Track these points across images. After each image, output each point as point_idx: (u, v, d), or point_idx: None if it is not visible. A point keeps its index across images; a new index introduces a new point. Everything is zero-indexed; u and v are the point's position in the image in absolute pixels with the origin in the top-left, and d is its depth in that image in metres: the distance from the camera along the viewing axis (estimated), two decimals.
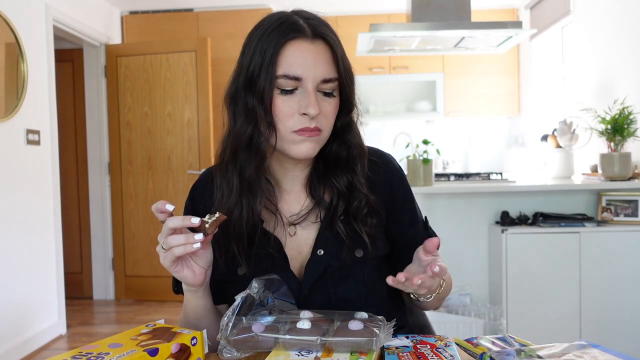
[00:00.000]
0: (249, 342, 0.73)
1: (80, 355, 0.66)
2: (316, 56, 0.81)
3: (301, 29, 0.82)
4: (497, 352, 0.72)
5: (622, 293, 2.43)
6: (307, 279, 0.87)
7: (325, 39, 0.83)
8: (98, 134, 4.17)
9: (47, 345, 3.18)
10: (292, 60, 0.81)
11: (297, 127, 0.82)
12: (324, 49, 0.82)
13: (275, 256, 0.88)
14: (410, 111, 4.66)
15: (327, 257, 0.88)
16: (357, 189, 0.89)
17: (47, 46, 3.33)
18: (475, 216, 2.67)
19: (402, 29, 2.94)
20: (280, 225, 0.90)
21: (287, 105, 0.82)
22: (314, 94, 0.81)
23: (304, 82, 0.81)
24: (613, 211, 2.54)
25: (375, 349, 0.70)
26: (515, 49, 4.52)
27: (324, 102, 0.83)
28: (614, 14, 3.12)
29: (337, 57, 0.83)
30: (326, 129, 0.85)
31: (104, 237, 4.22)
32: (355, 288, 0.88)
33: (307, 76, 0.81)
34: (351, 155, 0.89)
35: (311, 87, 0.81)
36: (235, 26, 4.30)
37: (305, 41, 0.82)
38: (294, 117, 0.82)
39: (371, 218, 0.89)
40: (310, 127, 0.82)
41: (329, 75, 0.82)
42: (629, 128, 2.56)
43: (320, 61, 0.81)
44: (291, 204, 0.92)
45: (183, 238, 0.76)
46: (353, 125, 0.90)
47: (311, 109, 0.80)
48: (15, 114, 2.95)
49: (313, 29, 0.82)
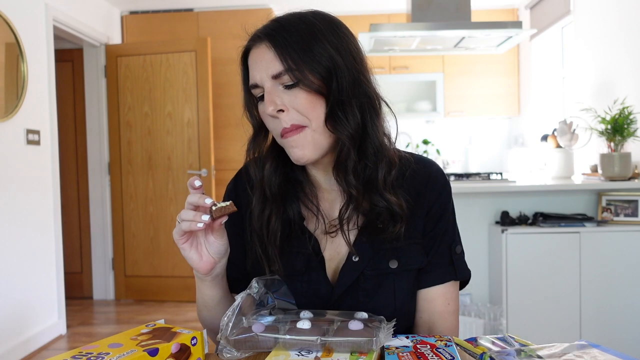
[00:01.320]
0: (249, 342, 0.72)
1: (80, 355, 0.66)
2: (262, 57, 0.81)
3: (254, 37, 0.83)
4: (497, 352, 0.72)
5: (622, 293, 2.43)
6: (339, 284, 0.86)
7: (268, 36, 0.81)
8: (98, 134, 4.17)
9: (47, 345, 3.18)
10: (251, 70, 0.83)
11: (278, 131, 0.82)
12: (266, 47, 0.81)
13: (312, 257, 0.87)
14: (410, 111, 4.66)
15: (361, 264, 0.86)
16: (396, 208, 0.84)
17: (47, 46, 3.33)
18: (475, 216, 2.67)
19: (402, 29, 2.94)
20: (322, 225, 0.89)
21: (263, 112, 0.83)
22: (267, 93, 0.81)
23: (262, 85, 0.82)
24: (613, 211, 2.54)
25: (375, 349, 0.70)
26: (515, 49, 4.52)
27: (288, 95, 0.80)
28: (614, 14, 3.12)
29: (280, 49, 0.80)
30: (312, 120, 0.81)
31: (104, 237, 4.22)
32: (385, 300, 0.87)
33: (260, 79, 0.82)
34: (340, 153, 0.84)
35: (267, 86, 0.81)
36: (235, 26, 4.26)
37: (255, 48, 0.83)
38: (270, 121, 0.83)
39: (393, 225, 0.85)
40: (286, 127, 0.81)
41: (274, 70, 0.80)
42: (629, 128, 2.56)
43: (264, 60, 0.81)
44: (332, 203, 0.91)
45: (192, 214, 0.77)
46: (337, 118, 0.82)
47: (268, 108, 0.80)
48: (15, 114, 2.95)
49: (262, 31, 0.82)
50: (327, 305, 0.85)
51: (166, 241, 4.12)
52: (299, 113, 0.81)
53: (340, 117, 0.82)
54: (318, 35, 0.81)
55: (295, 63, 0.79)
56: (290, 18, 0.83)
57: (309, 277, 0.87)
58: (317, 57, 0.80)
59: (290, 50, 0.80)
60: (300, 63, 0.80)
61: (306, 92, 0.80)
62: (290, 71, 0.80)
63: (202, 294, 0.89)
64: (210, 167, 4.02)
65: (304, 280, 0.86)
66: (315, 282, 0.87)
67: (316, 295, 0.86)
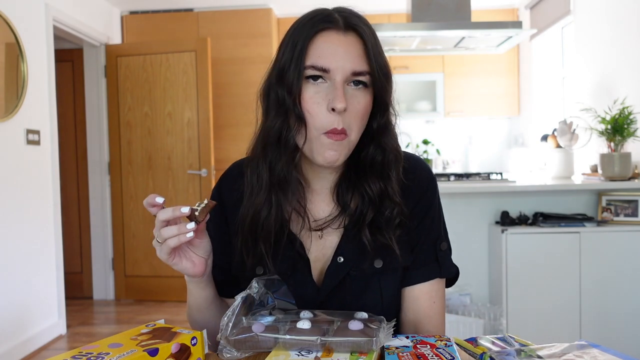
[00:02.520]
0: (249, 342, 0.72)
1: (80, 355, 0.66)
2: (346, 48, 0.78)
3: (332, 20, 0.79)
4: (497, 352, 0.72)
5: (622, 293, 2.43)
6: (325, 285, 0.86)
7: (357, 31, 0.79)
8: (98, 134, 4.17)
9: (47, 345, 3.18)
10: (321, 51, 0.78)
11: (327, 128, 0.78)
12: (355, 41, 0.79)
13: (297, 259, 0.86)
14: (410, 111, 4.66)
15: (346, 265, 0.86)
16: (390, 197, 0.84)
17: (47, 46, 3.33)
18: (475, 216, 2.67)
19: (402, 29, 2.94)
20: (307, 227, 0.87)
21: (314, 99, 0.78)
22: (341, 87, 0.77)
23: (333, 74, 0.77)
24: (613, 211, 2.54)
25: (375, 349, 0.70)
26: (515, 49, 4.52)
27: (354, 97, 0.79)
28: (614, 14, 3.12)
29: (369, 50, 0.78)
30: (354, 131, 0.80)
31: (104, 237, 4.22)
32: (372, 299, 0.86)
33: (336, 68, 0.77)
34: (387, 160, 0.84)
35: (340, 79, 0.77)
36: (235, 26, 4.30)
37: (336, 32, 0.79)
38: (322, 113, 0.78)
39: (399, 228, 0.85)
40: (338, 129, 0.77)
41: (359, 68, 0.78)
42: (629, 128, 2.56)
43: (351, 53, 0.78)
44: (319, 205, 0.90)
45: (176, 229, 0.75)
46: (390, 127, 0.85)
47: (338, 103, 0.76)
48: (15, 114, 2.95)
49: (345, 20, 0.79)
50: (314, 307, 0.84)
51: None
52: (354, 119, 0.79)
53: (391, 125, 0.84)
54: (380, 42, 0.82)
55: (377, 66, 0.79)
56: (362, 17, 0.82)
57: (295, 279, 0.86)
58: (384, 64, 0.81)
59: (375, 52, 0.79)
60: (379, 67, 0.80)
61: (370, 97, 0.81)
62: (371, 74, 0.79)
63: (196, 297, 0.88)
64: (210, 167, 4.02)
65: (289, 283, 0.85)
66: (301, 284, 0.86)
67: (302, 298, 0.85)
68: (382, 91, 0.81)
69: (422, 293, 0.89)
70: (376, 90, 0.81)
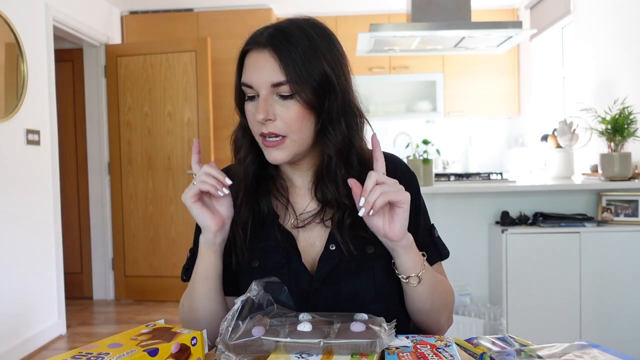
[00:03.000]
0: (250, 347, 0.71)
1: (80, 355, 0.66)
2: (263, 63, 0.85)
3: (257, 39, 0.87)
4: (497, 352, 0.72)
5: (622, 293, 2.43)
6: (319, 272, 0.90)
7: (273, 45, 0.85)
8: (98, 134, 4.17)
9: (47, 345, 3.18)
10: (247, 69, 0.87)
11: (258, 133, 0.88)
12: (270, 56, 0.84)
13: (290, 250, 0.91)
14: (410, 111, 4.66)
15: (339, 251, 0.90)
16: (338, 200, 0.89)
17: (47, 46, 3.33)
18: (475, 216, 2.67)
19: (402, 29, 2.94)
20: (292, 218, 0.94)
21: (250, 112, 0.88)
22: (262, 100, 0.85)
23: (256, 89, 0.85)
24: (613, 211, 2.54)
25: (378, 351, 0.70)
26: (515, 49, 4.52)
27: (282, 107, 0.85)
28: (614, 14, 3.12)
29: (285, 62, 0.84)
30: (293, 133, 0.86)
31: (104, 237, 4.22)
32: (365, 282, 0.91)
33: (257, 83, 0.85)
34: (329, 167, 0.90)
35: (263, 93, 0.85)
36: (235, 26, 4.30)
37: (257, 50, 0.86)
38: (255, 124, 0.88)
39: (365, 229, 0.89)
40: (265, 132, 0.86)
41: (276, 79, 0.84)
42: (629, 128, 2.56)
43: (267, 67, 0.84)
44: (303, 199, 0.96)
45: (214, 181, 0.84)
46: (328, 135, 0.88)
47: (258, 115, 0.84)
48: (15, 114, 2.95)
49: (267, 37, 0.86)
50: (309, 294, 0.89)
51: (166, 241, 4.12)
52: (285, 124, 0.86)
53: (330, 132, 0.88)
54: (317, 52, 0.86)
55: (297, 76, 0.84)
56: (293, 29, 0.87)
57: (289, 268, 0.91)
58: (316, 73, 0.86)
59: (293, 62, 0.84)
60: (301, 77, 0.84)
61: (300, 105, 0.85)
62: (290, 83, 0.84)
63: (207, 262, 0.90)
64: None
65: (284, 273, 0.90)
66: (295, 272, 0.90)
67: (297, 286, 0.89)
68: (310, 99, 0.85)
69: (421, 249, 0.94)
70: (302, 98, 0.85)
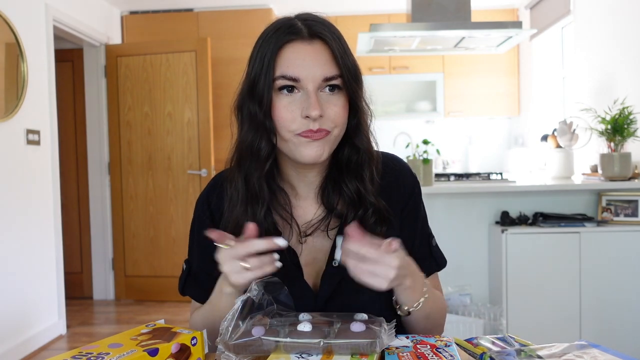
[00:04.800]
0: (250, 347, 0.71)
1: (80, 355, 0.66)
2: (314, 56, 0.80)
3: (297, 30, 0.81)
4: (497, 352, 0.72)
5: (622, 293, 2.43)
6: (322, 291, 0.87)
7: (322, 37, 0.81)
8: (98, 134, 4.17)
9: (47, 345, 3.18)
10: (290, 62, 0.80)
11: (301, 131, 0.80)
12: (322, 48, 0.80)
13: (290, 267, 0.86)
14: (410, 111, 4.66)
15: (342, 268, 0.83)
16: (364, 196, 0.86)
17: (47, 46, 3.33)
18: (475, 216, 2.67)
19: (402, 29, 2.94)
20: (296, 233, 0.88)
21: (288, 109, 0.80)
22: (314, 95, 0.78)
23: (304, 83, 0.79)
24: (613, 211, 2.54)
25: (379, 351, 0.70)
26: (515, 49, 4.52)
27: (329, 102, 0.80)
28: (614, 14, 3.12)
29: (336, 54, 0.80)
30: (335, 129, 0.82)
31: (104, 237, 4.22)
32: (370, 299, 0.85)
33: (306, 77, 0.79)
34: (360, 160, 0.87)
35: (312, 87, 0.79)
36: (235, 26, 4.30)
37: (302, 42, 0.80)
38: (297, 120, 0.80)
39: (380, 227, 0.87)
40: (314, 130, 0.79)
41: (330, 73, 0.79)
42: (629, 128, 2.56)
43: (319, 60, 0.80)
44: (307, 209, 0.91)
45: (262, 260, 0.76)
46: (361, 128, 0.86)
47: (312, 111, 0.77)
48: (15, 114, 2.95)
49: (309, 29, 0.81)
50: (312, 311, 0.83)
51: (166, 241, 4.12)
52: (332, 120, 0.81)
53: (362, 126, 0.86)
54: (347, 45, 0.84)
55: (347, 69, 0.81)
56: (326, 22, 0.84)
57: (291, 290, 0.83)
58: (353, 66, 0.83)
59: (344, 55, 0.81)
60: (350, 70, 0.81)
61: (345, 99, 0.82)
62: (342, 77, 0.80)
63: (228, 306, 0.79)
64: (210, 167, 4.02)
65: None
66: (298, 292, 0.85)
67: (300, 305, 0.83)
68: (353, 93, 0.83)
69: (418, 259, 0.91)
70: (348, 92, 0.82)
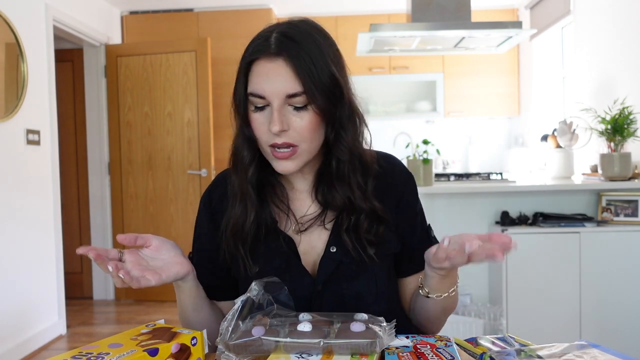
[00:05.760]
0: (250, 347, 0.71)
1: (80, 355, 0.66)
2: (277, 72, 0.81)
3: (265, 47, 0.82)
4: (497, 352, 0.72)
5: (622, 293, 2.43)
6: (320, 275, 0.90)
7: (287, 53, 0.81)
8: (98, 134, 4.17)
9: (47, 345, 3.18)
10: (257, 79, 0.83)
11: (269, 143, 0.85)
12: (284, 65, 0.81)
13: (289, 255, 0.91)
14: (410, 111, 4.66)
15: (339, 254, 0.90)
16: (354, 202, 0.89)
17: (47, 46, 3.33)
18: (475, 216, 2.67)
19: (402, 29, 2.94)
20: (293, 223, 0.93)
21: (258, 122, 0.85)
22: (277, 111, 0.81)
23: (269, 99, 0.82)
24: (613, 211, 2.54)
25: (379, 351, 0.70)
26: (515, 49, 4.52)
27: (296, 117, 0.83)
28: (614, 14, 3.12)
29: (299, 70, 0.81)
30: (305, 142, 0.84)
31: (104, 237, 4.22)
32: (366, 284, 0.90)
33: (270, 93, 0.81)
34: (341, 171, 0.89)
35: (276, 104, 0.82)
36: (235, 26, 4.30)
37: (267, 59, 0.82)
38: (266, 134, 0.84)
39: (377, 226, 0.90)
40: (278, 143, 0.83)
41: (292, 90, 0.81)
42: (629, 128, 2.56)
43: (281, 76, 0.81)
44: (304, 202, 0.95)
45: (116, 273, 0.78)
46: (341, 140, 0.87)
47: (272, 127, 0.81)
48: (15, 114, 2.95)
49: (277, 45, 0.82)
50: (311, 296, 0.89)
51: None
52: (298, 133, 0.83)
53: (342, 138, 0.87)
54: (325, 56, 0.83)
55: (312, 86, 0.81)
56: (298, 34, 0.83)
57: (290, 273, 0.90)
58: (327, 79, 0.83)
59: (308, 72, 0.81)
60: (316, 86, 0.81)
61: (313, 114, 0.83)
62: (305, 93, 0.81)
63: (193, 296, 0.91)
64: (210, 167, 4.02)
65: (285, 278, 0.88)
66: (297, 276, 0.90)
67: (299, 289, 0.89)
68: (324, 107, 0.83)
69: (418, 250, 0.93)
70: (317, 107, 0.83)
